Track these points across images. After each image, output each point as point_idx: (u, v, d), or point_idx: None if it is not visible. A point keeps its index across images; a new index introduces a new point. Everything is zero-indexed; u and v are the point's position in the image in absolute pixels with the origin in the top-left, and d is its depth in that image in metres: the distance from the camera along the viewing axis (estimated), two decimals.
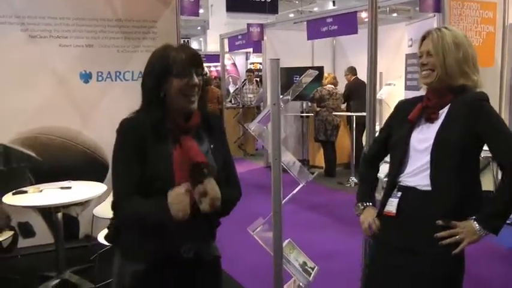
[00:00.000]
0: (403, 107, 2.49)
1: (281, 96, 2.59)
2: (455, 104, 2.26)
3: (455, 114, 2.25)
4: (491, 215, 2.22)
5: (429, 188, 2.24)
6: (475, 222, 2.20)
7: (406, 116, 2.37)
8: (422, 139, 2.29)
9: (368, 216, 2.44)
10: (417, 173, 2.28)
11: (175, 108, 2.00)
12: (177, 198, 1.83)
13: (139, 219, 1.96)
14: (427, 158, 2.25)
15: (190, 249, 2.05)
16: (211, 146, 2.10)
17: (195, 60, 2.00)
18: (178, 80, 1.95)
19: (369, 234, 2.43)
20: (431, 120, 2.30)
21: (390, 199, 2.35)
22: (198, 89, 2.00)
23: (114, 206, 2.00)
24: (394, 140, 2.41)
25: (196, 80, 1.98)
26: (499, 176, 2.43)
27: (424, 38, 2.35)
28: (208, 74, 15.80)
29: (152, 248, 2.00)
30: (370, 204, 2.50)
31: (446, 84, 2.28)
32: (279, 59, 2.42)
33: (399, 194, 2.33)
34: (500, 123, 2.24)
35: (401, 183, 2.34)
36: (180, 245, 2.03)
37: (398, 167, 2.34)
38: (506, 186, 2.22)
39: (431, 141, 2.24)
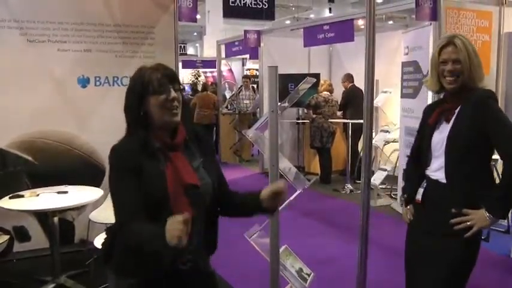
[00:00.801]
0: (427, 111, 2.77)
1: (279, 103, 2.61)
2: (465, 103, 2.50)
3: (464, 113, 2.50)
4: (496, 199, 2.46)
5: (445, 181, 2.54)
6: (485, 210, 2.44)
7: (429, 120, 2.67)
8: (440, 139, 2.56)
9: (406, 205, 2.85)
10: (438, 170, 2.58)
11: (159, 125, 2.04)
12: (173, 224, 1.75)
13: (138, 245, 1.94)
14: (443, 156, 2.54)
15: (187, 261, 2.09)
16: (202, 160, 2.14)
17: (171, 76, 2.05)
18: (156, 97, 2.00)
19: (406, 221, 2.83)
20: (448, 120, 2.55)
21: (419, 189, 2.69)
22: (178, 103, 2.04)
23: (120, 232, 2.01)
24: (422, 142, 2.70)
25: (174, 93, 2.02)
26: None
27: (444, 46, 2.57)
28: (202, 80, 15.80)
29: (149, 264, 2.01)
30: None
31: (466, 87, 2.51)
32: (277, 66, 2.44)
33: (425, 184, 2.67)
34: (503, 118, 2.47)
35: (428, 176, 2.64)
36: (177, 258, 2.06)
37: (425, 163, 2.66)
38: (507, 173, 2.45)
39: (445, 141, 2.52)
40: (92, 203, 4.62)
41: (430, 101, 6.21)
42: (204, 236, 2.14)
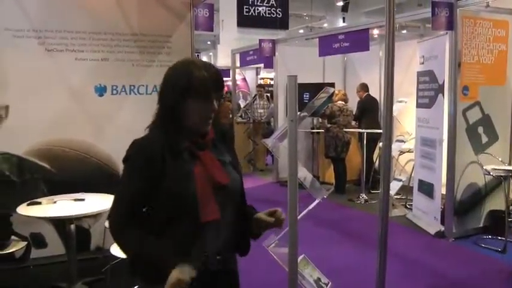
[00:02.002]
0: None
1: (298, 113, 2.61)
2: None
3: None
4: None
5: None
6: None
7: None
8: None
9: None
10: None
11: (189, 128, 1.96)
12: (179, 277, 1.76)
13: (137, 255, 1.89)
14: None
15: (217, 262, 2.00)
16: (230, 158, 2.09)
17: (217, 83, 1.97)
18: (198, 102, 1.92)
19: None
20: None
21: None
22: (213, 114, 1.98)
23: (113, 227, 1.94)
24: None
25: (215, 105, 1.95)
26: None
27: None
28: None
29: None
30: None
31: None
32: (296, 76, 2.44)
33: None
34: None
35: None
36: (207, 256, 1.97)
37: None
38: None
39: None
40: (108, 211, 4.64)
41: (446, 111, 6.21)
42: (235, 237, 2.07)
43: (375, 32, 8.66)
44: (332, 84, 9.01)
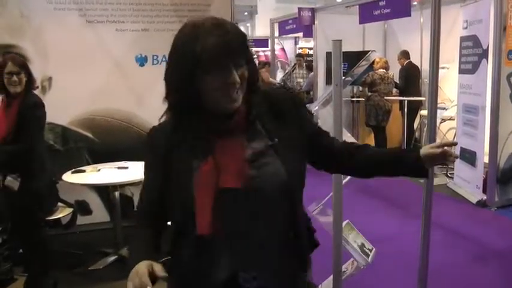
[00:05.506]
0: None
1: (343, 78, 2.59)
2: None
3: None
4: None
5: None
6: None
7: None
8: None
9: None
10: None
11: (212, 109, 1.49)
12: (135, 277, 1.37)
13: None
14: None
15: (253, 279, 1.53)
16: (275, 141, 1.54)
17: (231, 48, 1.43)
18: (211, 78, 1.43)
19: None
20: None
21: None
22: (241, 83, 1.46)
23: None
24: None
25: (235, 77, 1.43)
26: None
27: None
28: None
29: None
30: None
31: None
32: (341, 40, 2.42)
33: None
34: None
35: None
36: (236, 273, 1.53)
37: None
38: None
39: None
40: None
41: (490, 77, 6.04)
42: (294, 239, 1.62)
43: None
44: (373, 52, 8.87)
